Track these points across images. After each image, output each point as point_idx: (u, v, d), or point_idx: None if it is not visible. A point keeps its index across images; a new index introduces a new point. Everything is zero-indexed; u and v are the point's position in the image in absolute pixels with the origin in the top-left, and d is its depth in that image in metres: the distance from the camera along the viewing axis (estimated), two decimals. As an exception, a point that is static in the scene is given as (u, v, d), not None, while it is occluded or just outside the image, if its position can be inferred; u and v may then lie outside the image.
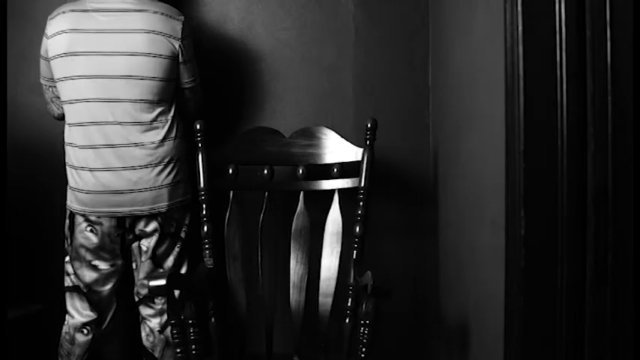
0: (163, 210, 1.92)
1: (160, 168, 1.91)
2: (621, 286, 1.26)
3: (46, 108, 2.08)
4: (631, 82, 1.24)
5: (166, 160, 1.92)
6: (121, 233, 1.95)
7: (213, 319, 1.86)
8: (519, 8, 1.31)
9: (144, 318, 2.02)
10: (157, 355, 2.00)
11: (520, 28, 1.31)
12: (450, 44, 2.00)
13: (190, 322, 1.71)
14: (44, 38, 1.93)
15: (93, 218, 1.92)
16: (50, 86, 1.99)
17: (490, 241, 1.57)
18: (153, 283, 1.54)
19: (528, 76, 1.30)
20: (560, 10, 1.28)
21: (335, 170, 1.94)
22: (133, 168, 1.89)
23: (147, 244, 1.96)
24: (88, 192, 1.90)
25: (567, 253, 1.30)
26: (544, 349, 1.32)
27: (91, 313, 1.96)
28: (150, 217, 1.93)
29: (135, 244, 1.98)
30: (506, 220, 1.40)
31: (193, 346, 1.72)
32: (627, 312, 1.26)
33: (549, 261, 1.31)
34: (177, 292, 1.88)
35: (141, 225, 1.94)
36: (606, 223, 1.26)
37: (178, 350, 1.63)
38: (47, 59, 1.93)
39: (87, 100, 1.87)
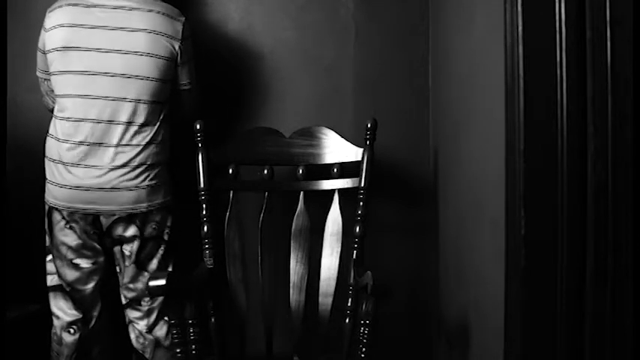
0: (144, 210, 1.89)
1: (140, 170, 1.88)
2: (621, 286, 1.26)
3: (42, 101, 2.07)
4: (631, 82, 1.24)
5: (147, 163, 1.89)
6: (97, 232, 1.91)
7: (213, 319, 1.86)
8: (519, 8, 1.31)
9: (131, 320, 2.00)
10: (147, 356, 1.99)
11: (520, 28, 1.31)
12: (450, 44, 1.99)
13: (190, 322, 1.71)
14: (42, 31, 1.91)
15: (67, 216, 1.88)
16: (45, 79, 1.98)
17: (490, 241, 1.57)
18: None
19: (528, 76, 1.30)
20: (560, 10, 1.28)
21: (335, 170, 1.94)
22: (112, 168, 1.85)
23: (129, 248, 1.94)
24: (62, 186, 1.87)
25: (567, 253, 1.30)
26: (544, 349, 1.32)
27: (76, 312, 1.93)
28: (128, 221, 1.90)
29: (117, 249, 1.95)
30: (506, 220, 1.40)
31: (193, 346, 1.72)
32: (627, 312, 1.26)
33: (549, 261, 1.31)
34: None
35: (119, 230, 1.91)
36: (606, 223, 1.26)
37: (178, 350, 1.62)
38: (44, 52, 1.91)
39: (79, 96, 1.85)
